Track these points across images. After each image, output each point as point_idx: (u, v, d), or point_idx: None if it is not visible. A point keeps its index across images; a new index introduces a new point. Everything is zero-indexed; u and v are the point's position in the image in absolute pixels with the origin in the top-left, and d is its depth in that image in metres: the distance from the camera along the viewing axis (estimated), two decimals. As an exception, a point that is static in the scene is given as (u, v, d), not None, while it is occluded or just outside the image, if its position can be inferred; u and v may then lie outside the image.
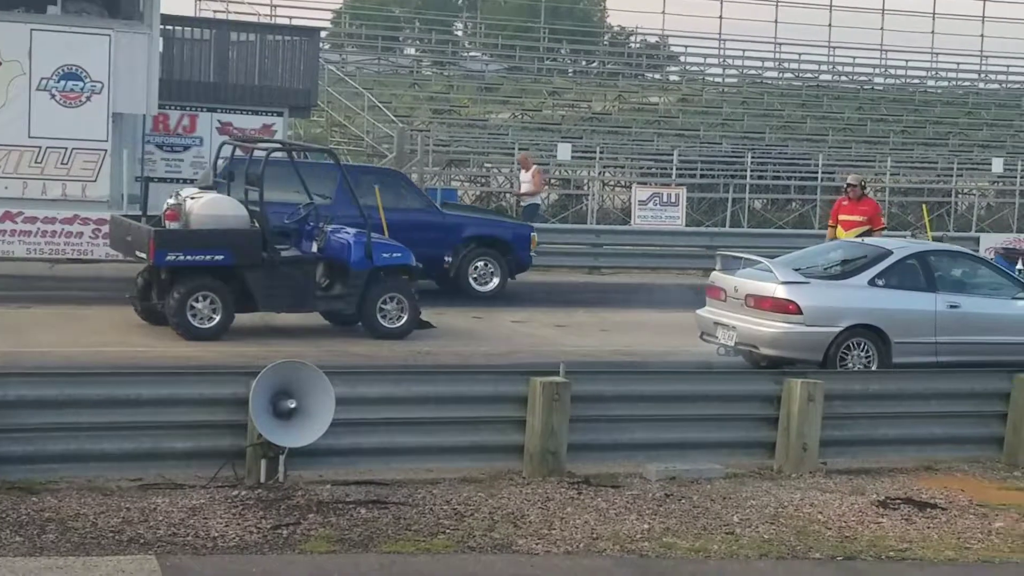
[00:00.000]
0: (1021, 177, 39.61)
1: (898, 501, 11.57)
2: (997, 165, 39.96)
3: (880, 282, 16.54)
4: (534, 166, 30.45)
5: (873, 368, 15.95)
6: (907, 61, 49.98)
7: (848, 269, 16.94)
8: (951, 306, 16.56)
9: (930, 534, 10.78)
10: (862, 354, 16.21)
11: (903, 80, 49.96)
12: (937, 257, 17.32)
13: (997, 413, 13.04)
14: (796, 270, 16.76)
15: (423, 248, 20.20)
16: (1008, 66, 51.22)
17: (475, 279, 22.82)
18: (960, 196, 39.99)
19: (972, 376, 13.88)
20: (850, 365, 16.03)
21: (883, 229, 21.67)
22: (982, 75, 51.13)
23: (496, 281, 22.91)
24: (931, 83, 50.17)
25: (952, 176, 39.41)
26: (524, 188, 30.37)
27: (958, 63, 50.57)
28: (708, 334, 17.15)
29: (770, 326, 16.15)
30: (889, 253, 16.93)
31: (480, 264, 22.76)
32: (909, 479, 12.37)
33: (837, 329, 16.09)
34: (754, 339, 16.27)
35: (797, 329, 16.05)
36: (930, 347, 16.37)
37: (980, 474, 12.70)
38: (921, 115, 45.91)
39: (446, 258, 22.07)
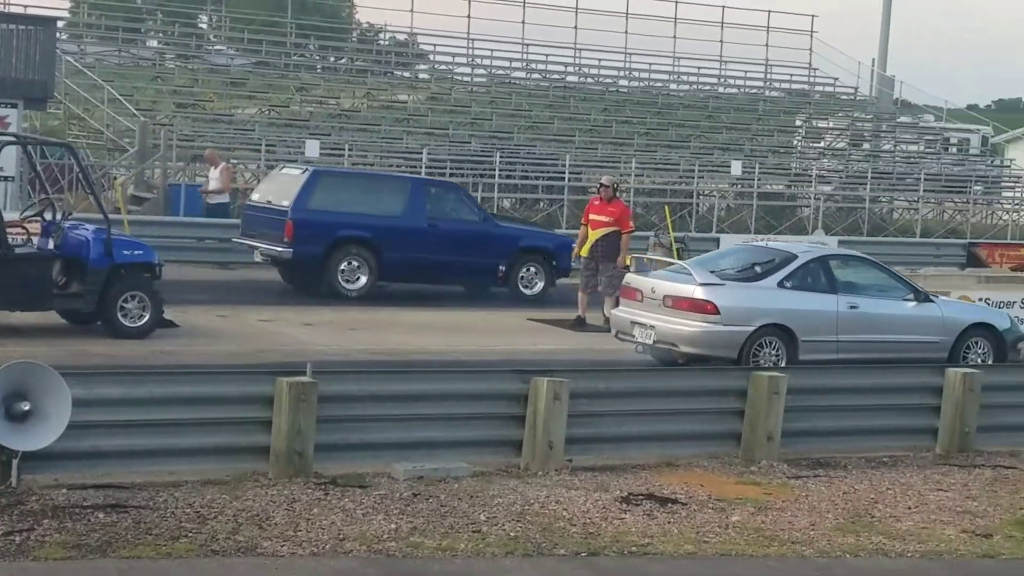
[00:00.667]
0: (758, 179, 40.92)
1: (641, 497, 11.78)
2: (736, 168, 41.18)
3: (788, 284, 17.58)
4: (223, 163, 29.67)
5: (782, 364, 16.78)
6: (650, 64, 51.08)
7: (758, 272, 17.84)
8: (851, 307, 17.66)
9: (671, 529, 11.00)
10: (772, 352, 17.18)
11: (647, 83, 51.05)
12: (837, 261, 18.54)
13: (735, 410, 13.38)
14: (711, 272, 17.65)
15: (481, 257, 23.13)
16: (746, 72, 52.82)
17: (524, 284, 24.51)
18: (701, 197, 41.05)
19: (711, 374, 14.25)
20: (762, 362, 16.86)
21: (631, 232, 22.09)
22: (721, 80, 52.59)
23: (541, 285, 24.52)
24: (673, 86, 51.35)
25: (694, 178, 40.44)
26: (212, 186, 29.46)
27: (699, 67, 51.92)
28: (624, 333, 18.02)
29: (689, 325, 17.08)
30: (795, 257, 18.01)
31: (530, 270, 24.48)
32: (651, 475, 12.60)
33: (751, 328, 17.07)
34: (673, 338, 17.18)
35: (714, 328, 17.01)
36: (832, 345, 17.40)
37: (719, 469, 13.02)
38: (664, 118, 46.97)
39: (500, 267, 23.83)
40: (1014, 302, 21.61)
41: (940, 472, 13.41)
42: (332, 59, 51.57)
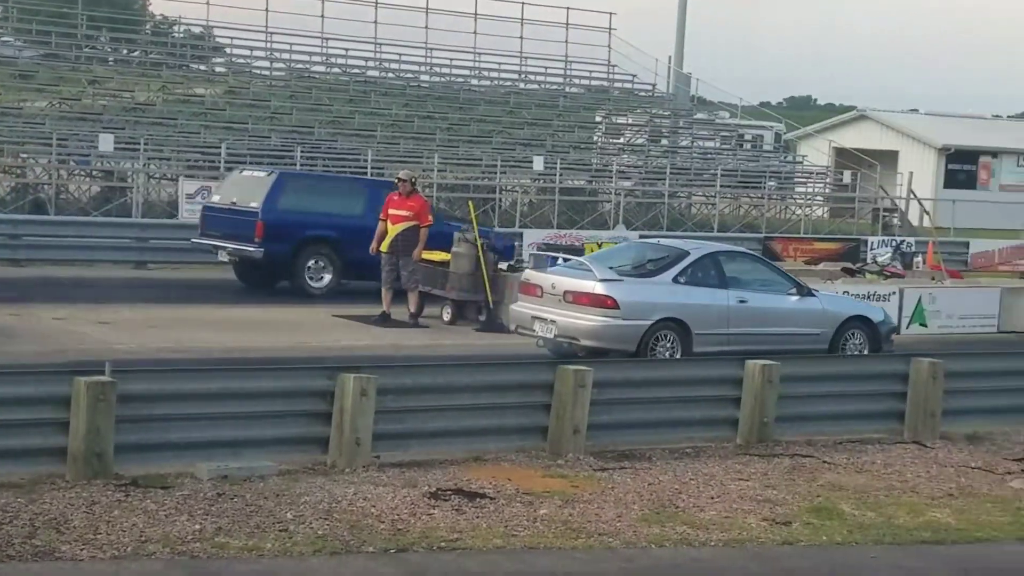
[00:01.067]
0: (560, 175, 41.28)
1: (449, 492, 11.76)
2: (538, 163, 41.49)
3: (682, 280, 18.28)
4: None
5: (678, 356, 17.53)
6: (451, 60, 51.15)
7: (654, 268, 18.57)
8: (740, 301, 18.43)
9: (479, 523, 11.00)
10: (668, 344, 17.85)
11: (448, 78, 51.10)
12: (726, 257, 19.19)
13: (542, 404, 13.44)
14: (610, 268, 18.24)
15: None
16: (546, 68, 53.23)
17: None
18: (504, 193, 41.24)
19: (518, 368, 14.28)
20: (659, 354, 17.61)
21: (429, 226, 22.08)
22: (522, 76, 52.91)
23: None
24: (475, 82, 51.50)
25: (496, 173, 40.60)
26: None
27: (500, 63, 52.15)
28: (524, 327, 18.64)
29: (590, 320, 17.71)
30: (687, 254, 18.71)
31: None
32: (460, 470, 12.59)
33: (649, 322, 17.76)
34: (575, 332, 17.77)
35: (615, 322, 17.66)
36: (724, 338, 18.08)
37: (526, 463, 13.07)
38: (466, 113, 47.08)
39: None
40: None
41: (741, 462, 13.67)
42: (125, 51, 50.39)
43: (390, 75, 50.23)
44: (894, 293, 22.54)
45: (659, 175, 45.15)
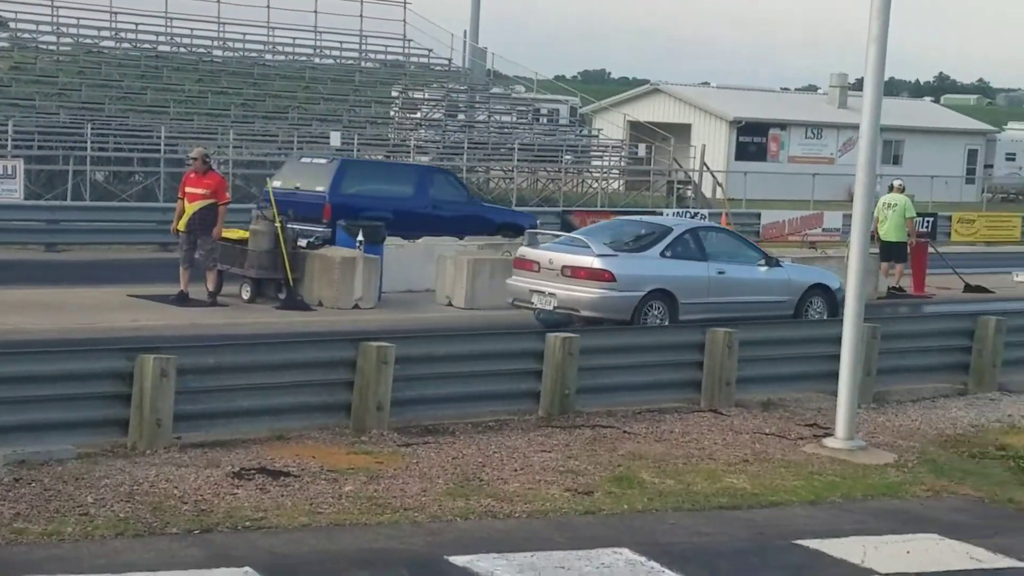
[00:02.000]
0: (358, 150, 41.06)
1: (253, 471, 11.68)
2: (335, 139, 41.20)
3: (668, 254, 19.79)
4: None
5: (666, 324, 18.83)
6: (245, 34, 50.42)
7: (643, 243, 20.01)
8: (719, 272, 19.98)
9: (284, 502, 10.95)
10: (658, 313, 19.29)
11: (241, 53, 50.36)
12: (705, 232, 20.96)
13: (345, 381, 13.41)
14: (605, 244, 19.58)
15: (469, 231, 25.62)
16: (341, 42, 52.84)
17: None
18: (300, 169, 40.72)
19: (320, 346, 14.21)
20: (650, 322, 18.96)
21: (228, 203, 21.82)
22: (317, 50, 52.44)
23: None
24: (269, 57, 50.86)
25: (293, 149, 40.22)
26: None
27: (294, 38, 51.59)
28: (522, 300, 20.00)
29: (589, 292, 19.11)
30: (671, 229, 20.36)
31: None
32: (263, 449, 12.51)
33: (641, 293, 19.22)
34: (574, 304, 19.17)
35: (612, 294, 19.10)
36: (705, 306, 19.45)
37: (330, 441, 13.04)
38: (261, 89, 46.49)
39: None
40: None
41: (543, 434, 13.83)
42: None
43: (182, 50, 49.33)
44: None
45: (457, 150, 45.27)
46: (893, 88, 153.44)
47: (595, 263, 19.27)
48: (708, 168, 48.20)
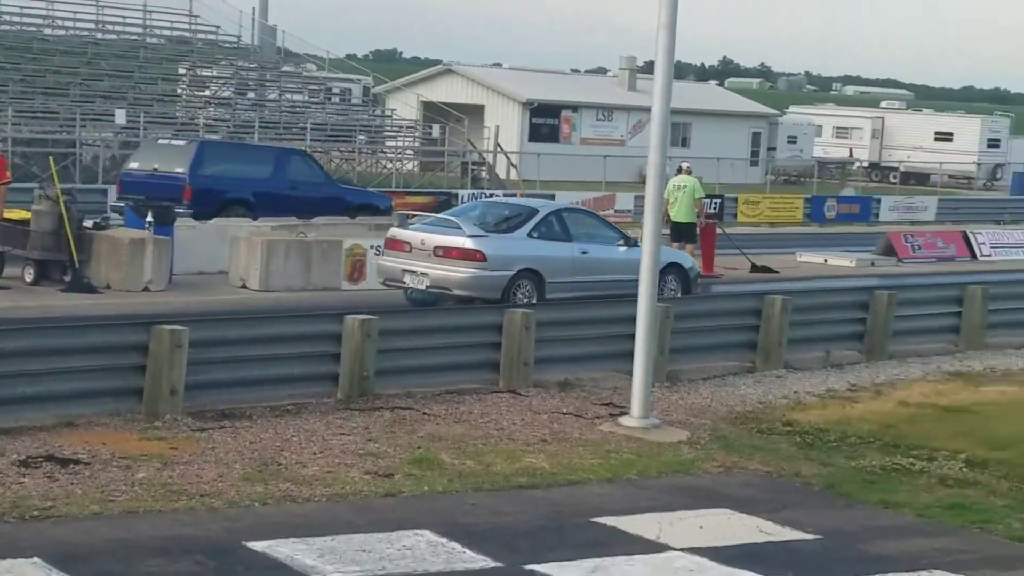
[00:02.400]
0: (144, 129, 40.15)
1: (40, 459, 11.35)
2: (120, 116, 40.23)
3: (535, 234, 20.41)
4: None
5: (534, 302, 19.25)
6: (22, 8, 48.79)
7: (511, 224, 20.58)
8: (582, 252, 20.63)
9: (74, 490, 10.66)
10: (526, 292, 19.86)
11: (19, 27, 48.74)
12: (568, 213, 21.80)
13: (136, 365, 13.10)
14: (475, 225, 20.13)
15: (327, 212, 25.89)
16: (124, 17, 51.58)
17: None
18: (85, 147, 39.76)
19: (110, 329, 13.85)
20: (519, 300, 19.31)
21: (8, 182, 21.18)
22: (100, 25, 51.06)
23: None
24: (48, 31, 49.33)
25: (76, 127, 39.14)
26: None
27: (75, 12, 50.15)
28: (393, 280, 20.38)
29: (461, 271, 19.57)
30: (537, 211, 21.02)
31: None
32: (51, 437, 12.15)
33: (511, 273, 19.78)
34: (447, 283, 19.62)
35: (484, 274, 19.61)
36: (570, 285, 20.09)
37: (122, 427, 12.72)
38: (40, 64, 45.09)
39: None
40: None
41: (342, 417, 13.72)
42: None
43: (-44, 25, 47.60)
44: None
45: (247, 129, 44.60)
46: (680, 72, 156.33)
47: (467, 243, 19.76)
48: (502, 149, 48.43)
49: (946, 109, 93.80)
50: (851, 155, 70.47)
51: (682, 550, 10.29)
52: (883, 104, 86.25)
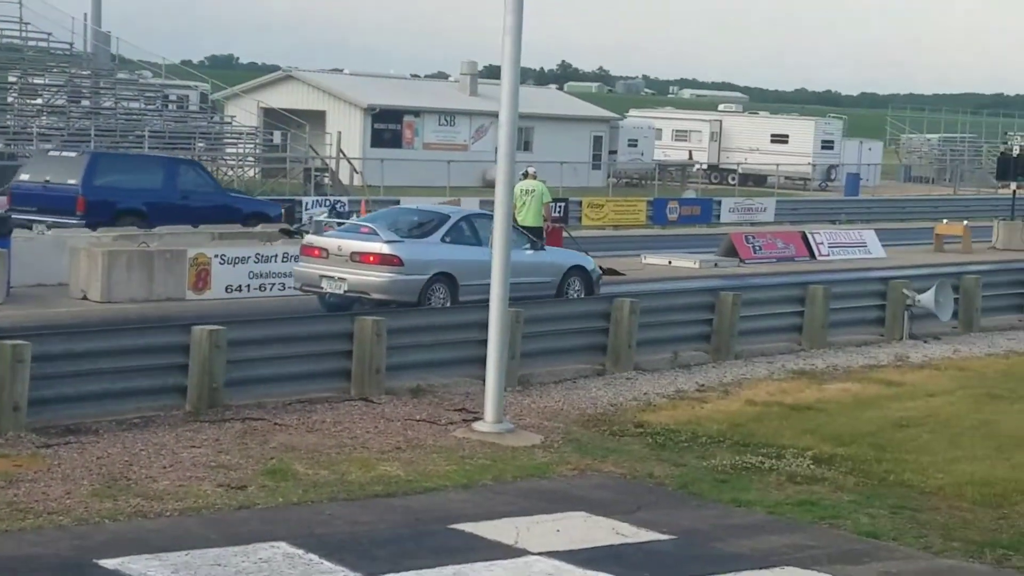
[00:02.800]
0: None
1: None
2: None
3: (447, 239, 21.14)
4: None
5: (448, 304, 20.09)
6: None
7: (424, 230, 21.28)
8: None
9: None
10: (441, 295, 20.53)
11: None
12: (477, 218, 22.09)
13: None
14: (391, 231, 20.70)
15: (219, 220, 25.95)
16: (-47, 25, 50.20)
17: None
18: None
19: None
20: (434, 303, 20.12)
21: None
22: (-73, 32, 49.58)
23: None
24: None
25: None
26: None
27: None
28: (310, 285, 20.92)
29: (378, 276, 20.20)
30: (448, 217, 21.82)
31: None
32: None
33: (426, 277, 20.43)
34: (365, 287, 20.24)
35: (400, 278, 20.23)
36: (482, 288, 18.65)
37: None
38: None
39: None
40: (248, 256, 22.11)
41: (192, 429, 13.52)
42: None
43: None
44: (335, 252, 22.88)
45: (83, 137, 43.70)
46: (520, 76, 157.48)
47: (384, 248, 20.38)
48: (345, 155, 48.15)
49: (781, 111, 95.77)
50: (691, 157, 71.48)
51: (540, 554, 10.33)
52: (721, 107, 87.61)
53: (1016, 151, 40.97)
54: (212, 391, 14.18)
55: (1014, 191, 41.93)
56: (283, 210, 29.58)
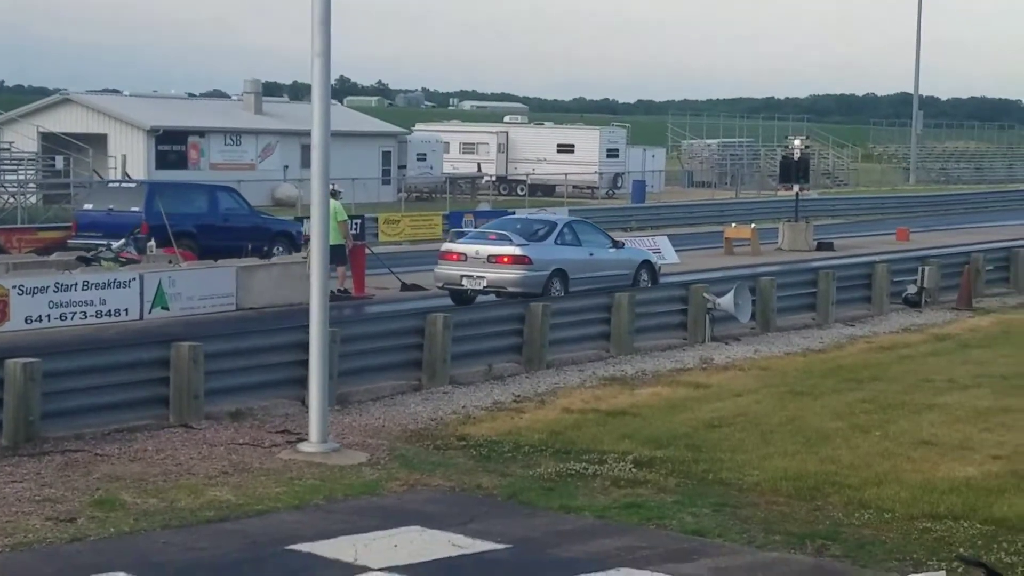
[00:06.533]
0: None
1: None
2: None
3: (559, 241, 26.17)
4: None
5: (563, 294, 24.78)
6: None
7: (541, 234, 26.21)
8: (590, 254, 26.45)
9: None
10: (558, 287, 25.31)
11: None
12: (576, 224, 28.03)
13: None
14: (519, 237, 25.67)
15: (251, 241, 30.07)
16: None
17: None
18: None
19: None
20: (552, 293, 24.77)
21: None
22: None
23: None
24: None
25: None
26: None
27: None
28: (451, 284, 25.71)
29: (514, 273, 25.17)
30: (556, 224, 27.18)
31: (279, 247, 30.98)
32: None
33: (548, 272, 25.35)
34: (503, 283, 25.16)
35: (531, 274, 25.20)
36: (584, 280, 25.79)
37: None
38: None
39: (264, 247, 30.35)
40: (47, 286, 21.63)
41: (11, 464, 13.25)
42: None
43: None
44: (134, 279, 22.57)
45: None
46: (298, 92, 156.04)
47: (517, 251, 25.33)
48: (130, 178, 47.30)
49: (564, 121, 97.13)
50: (479, 170, 72.04)
51: (381, 570, 10.43)
52: (507, 119, 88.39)
53: (797, 154, 42.28)
54: (29, 424, 13.92)
55: (797, 193, 43.28)
56: (303, 228, 31.51)
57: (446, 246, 26.55)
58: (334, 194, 27.09)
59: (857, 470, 13.78)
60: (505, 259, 25.29)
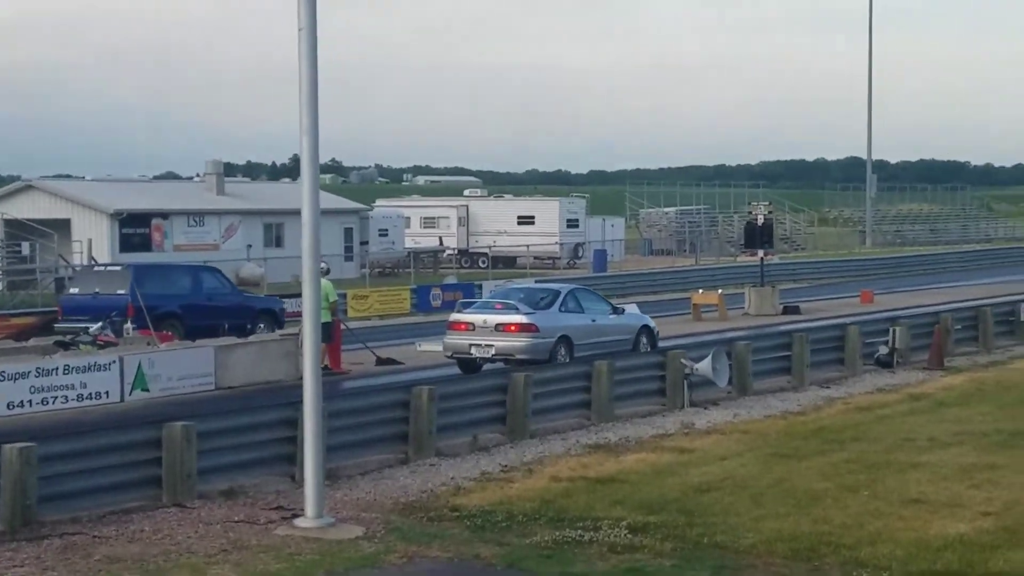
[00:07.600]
0: None
1: None
2: None
3: (563, 309, 26.94)
4: None
5: (568, 360, 25.27)
6: None
7: (546, 302, 26.98)
8: (592, 320, 27.29)
9: None
10: (563, 352, 26.06)
11: None
12: (579, 291, 28.47)
13: None
14: (525, 305, 26.35)
15: (235, 319, 30.77)
16: None
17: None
18: None
19: None
20: (558, 360, 25.43)
21: None
22: None
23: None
24: None
25: None
26: None
27: None
28: (460, 352, 26.39)
29: (521, 341, 25.86)
30: (560, 292, 27.86)
31: (261, 325, 31.49)
32: None
33: (554, 339, 26.09)
34: (511, 350, 25.84)
35: (538, 341, 25.92)
36: (587, 345, 26.45)
37: None
38: None
39: (248, 325, 30.77)
40: (28, 371, 21.57)
41: (11, 549, 13.25)
42: None
43: None
44: (114, 362, 22.57)
45: None
46: (252, 171, 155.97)
47: (524, 319, 25.98)
48: (96, 262, 47.24)
49: (522, 193, 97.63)
50: (441, 243, 72.32)
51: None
52: (466, 192, 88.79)
53: (761, 220, 42.70)
54: (26, 508, 13.92)
55: (762, 259, 43.69)
56: (284, 304, 33.48)
57: (454, 316, 27.24)
58: (324, 272, 27.26)
59: (850, 530, 13.95)
60: (512, 327, 25.93)
